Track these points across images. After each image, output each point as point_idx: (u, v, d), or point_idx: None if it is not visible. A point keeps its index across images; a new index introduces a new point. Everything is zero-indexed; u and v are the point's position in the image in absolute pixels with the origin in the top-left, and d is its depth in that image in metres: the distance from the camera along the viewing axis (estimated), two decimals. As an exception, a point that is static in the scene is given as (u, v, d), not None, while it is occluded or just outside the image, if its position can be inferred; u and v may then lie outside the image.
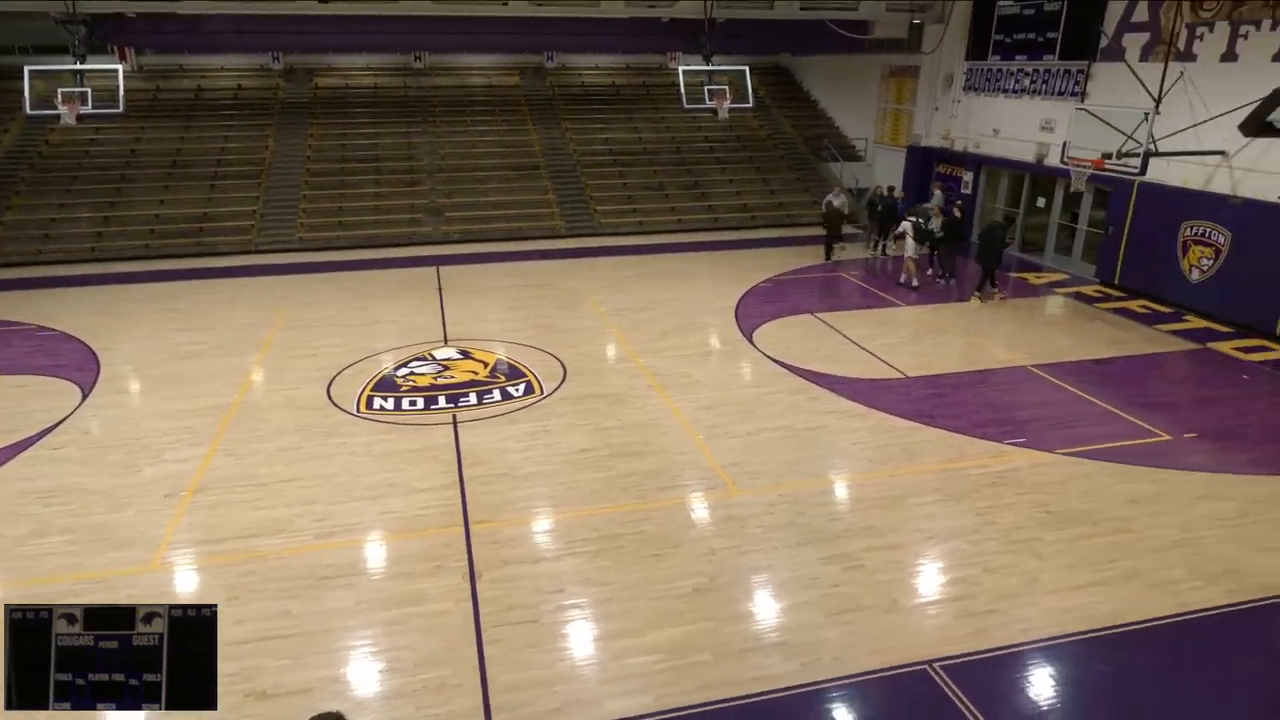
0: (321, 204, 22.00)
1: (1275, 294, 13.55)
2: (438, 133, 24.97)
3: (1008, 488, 9.04)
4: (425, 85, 27.13)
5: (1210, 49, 14.63)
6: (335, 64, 27.13)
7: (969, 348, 13.49)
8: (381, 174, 23.26)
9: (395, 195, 22.63)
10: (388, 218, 21.82)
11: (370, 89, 26.74)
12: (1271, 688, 6.24)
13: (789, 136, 27.08)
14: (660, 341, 13.82)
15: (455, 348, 13.54)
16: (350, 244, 20.85)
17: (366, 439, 10.26)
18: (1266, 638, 6.76)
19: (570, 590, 7.32)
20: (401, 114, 25.65)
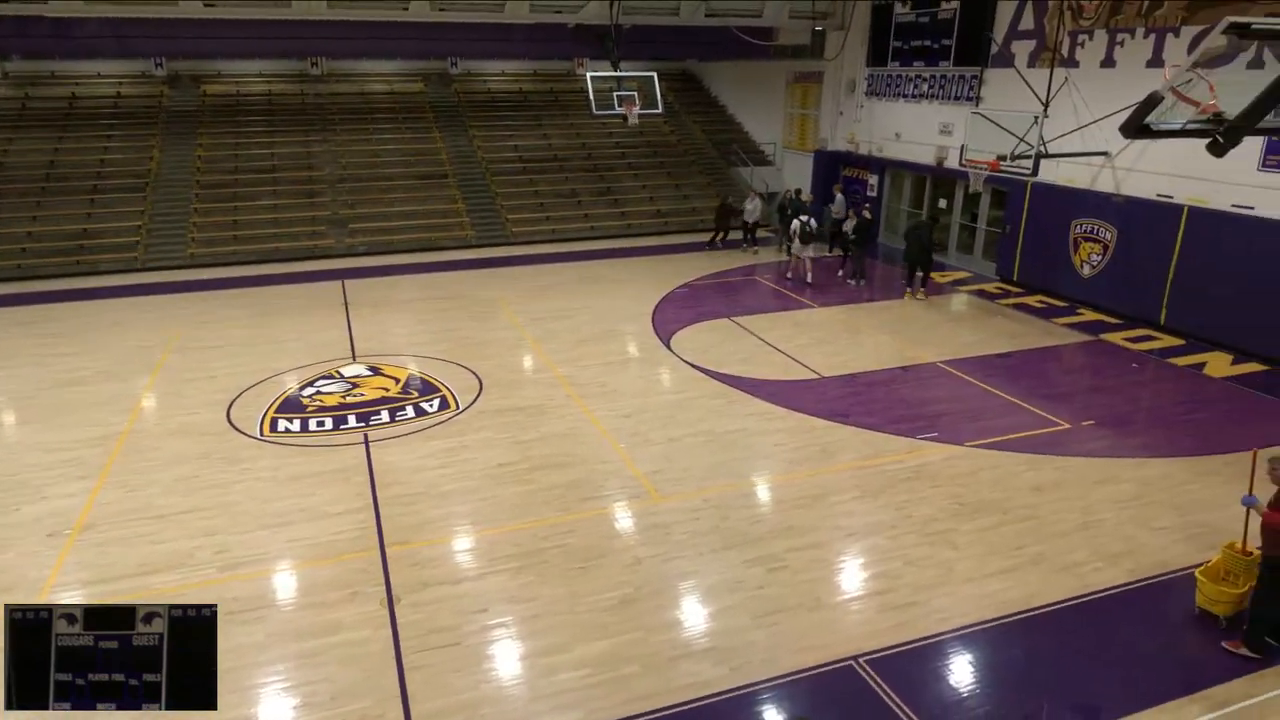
0: (214, 218, 21.10)
1: (1158, 286, 14.53)
2: (338, 141, 24.31)
3: (923, 481, 9.39)
4: (324, 92, 26.40)
5: (1091, 55, 15.61)
6: (225, 70, 26.10)
7: (881, 346, 13.97)
8: (279, 185, 22.48)
9: (295, 207, 21.90)
10: (287, 230, 21.09)
11: (264, 96, 25.83)
12: (1171, 661, 6.66)
13: (699, 141, 27.51)
14: (578, 350, 13.80)
15: (364, 364, 13.18)
16: (247, 259, 20.06)
17: (271, 463, 9.88)
18: (1164, 613, 7.21)
19: (494, 609, 7.21)
20: (299, 122, 24.87)
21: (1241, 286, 13.23)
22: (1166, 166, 14.26)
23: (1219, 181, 13.35)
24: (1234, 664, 6.53)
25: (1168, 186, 14.35)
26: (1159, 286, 14.53)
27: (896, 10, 20.35)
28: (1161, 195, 14.48)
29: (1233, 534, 7.89)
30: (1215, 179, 13.35)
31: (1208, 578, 7.01)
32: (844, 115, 22.87)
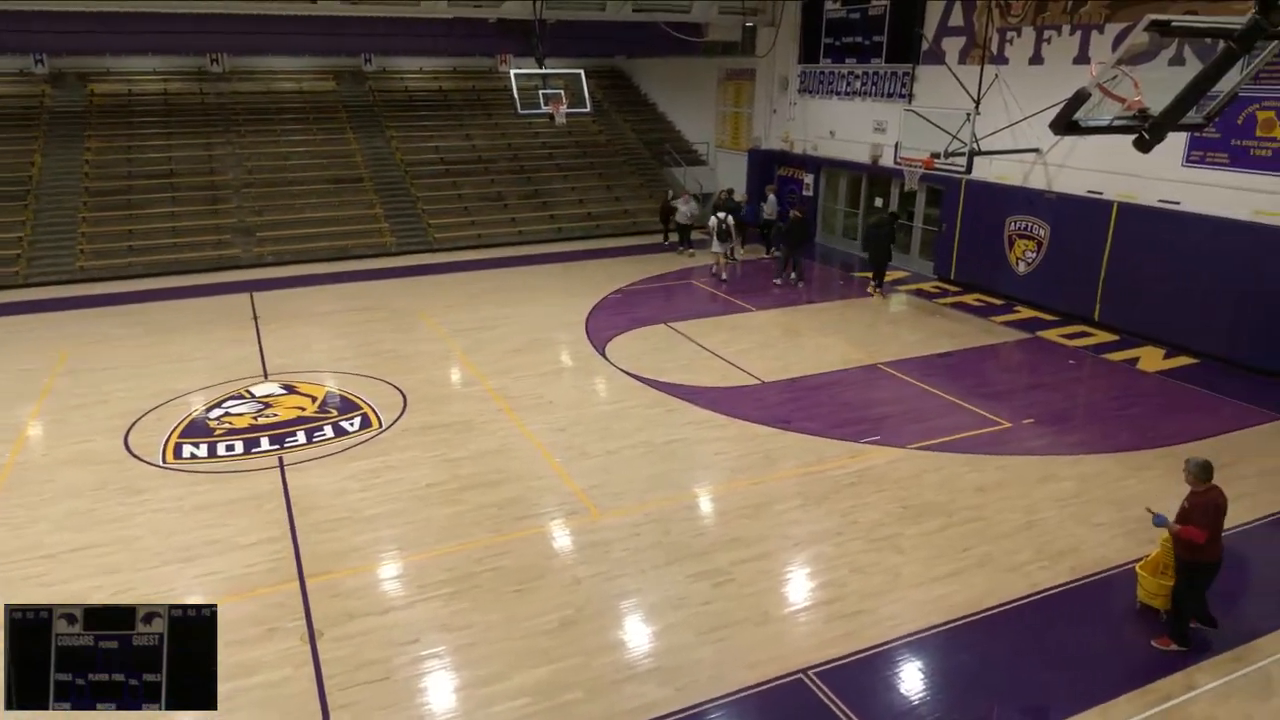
0: (106, 228, 20.27)
1: (1091, 283, 15.20)
2: (243, 144, 23.66)
3: (867, 486, 9.60)
4: (226, 91, 25.67)
5: (1020, 52, 16.28)
6: (114, 68, 25.14)
7: (821, 349, 14.24)
8: (178, 191, 21.74)
9: (197, 215, 21.20)
10: (189, 240, 20.40)
11: (159, 95, 24.98)
12: (1116, 658, 6.95)
13: (630, 141, 27.67)
14: (508, 361, 13.69)
15: (277, 382, 12.83)
16: (145, 272, 19.31)
17: (176, 492, 9.52)
18: (1108, 610, 7.52)
19: (426, 639, 7.08)
20: (199, 123, 24.12)
21: (1170, 282, 13.93)
22: (1096, 163, 14.94)
23: (1146, 177, 14.06)
24: (1174, 658, 6.85)
25: (1098, 183, 15.04)
26: (1092, 283, 15.19)
27: (827, 7, 20.86)
28: (1092, 191, 15.16)
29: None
30: (1143, 175, 14.04)
31: (1147, 572, 7.34)
32: (777, 113, 23.31)
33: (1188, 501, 6.70)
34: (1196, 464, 6.68)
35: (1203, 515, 6.57)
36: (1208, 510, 6.59)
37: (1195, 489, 6.68)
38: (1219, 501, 6.64)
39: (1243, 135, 12.85)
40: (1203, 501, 6.62)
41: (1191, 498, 6.69)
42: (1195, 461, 6.70)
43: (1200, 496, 6.64)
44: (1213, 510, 6.60)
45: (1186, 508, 6.69)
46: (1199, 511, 6.59)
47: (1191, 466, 6.69)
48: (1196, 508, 6.61)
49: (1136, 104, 6.55)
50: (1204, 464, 6.65)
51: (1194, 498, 6.67)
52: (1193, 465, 6.69)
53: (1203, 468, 6.64)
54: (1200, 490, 6.66)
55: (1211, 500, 6.63)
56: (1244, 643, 6.99)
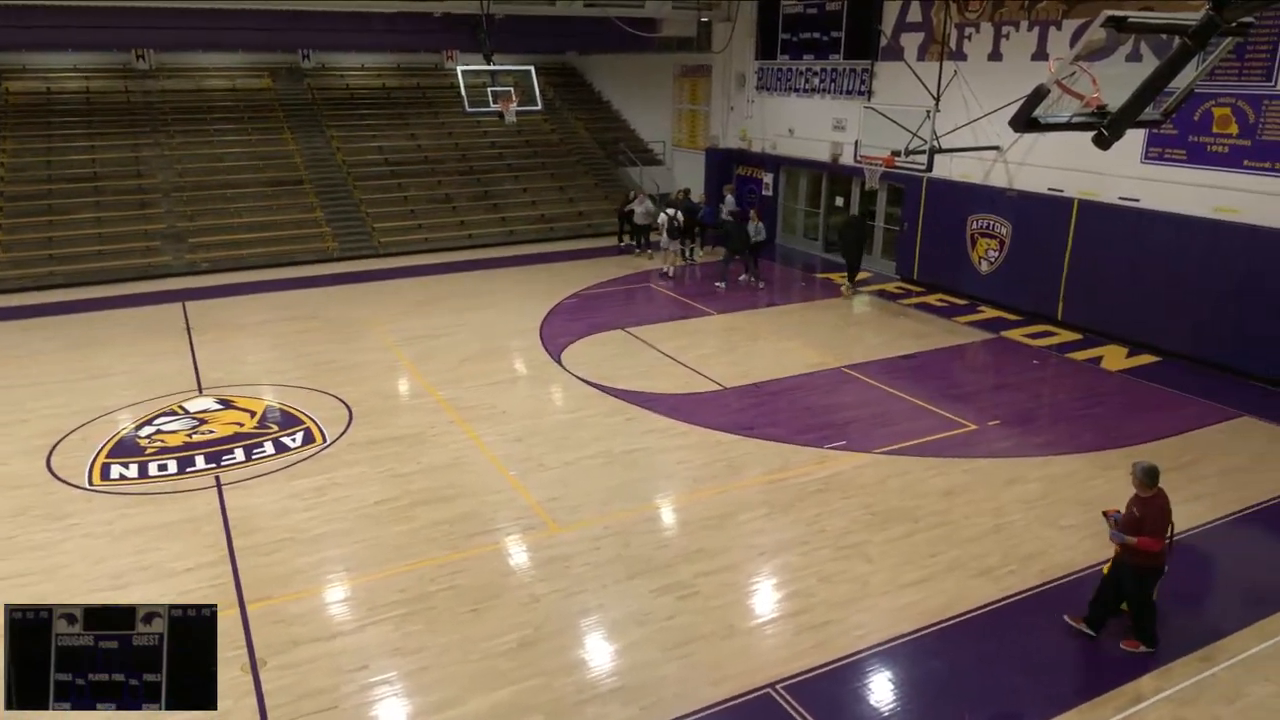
0: (24, 235, 19.67)
1: (1054, 281, 15.57)
2: (172, 145, 23.18)
3: (833, 493, 9.70)
4: (153, 89, 25.14)
5: (978, 49, 16.64)
6: (31, 64, 24.46)
7: (783, 353, 14.37)
8: (103, 196, 21.20)
9: (123, 221, 20.70)
10: (115, 248, 19.90)
11: (81, 94, 24.37)
12: (1087, 662, 7.11)
13: (584, 141, 27.68)
14: (460, 371, 13.58)
15: (213, 397, 12.56)
16: (68, 281, 18.78)
17: (105, 516, 9.26)
18: (1077, 613, 7.67)
19: (376, 665, 6.98)
20: (125, 124, 23.58)
21: (1131, 279, 14.33)
22: (1057, 160, 15.32)
23: (1106, 174, 14.45)
24: (1144, 660, 7.03)
25: (1059, 180, 15.43)
26: (1055, 281, 15.57)
27: (784, 2, 21.11)
28: (1053, 189, 15.54)
29: (1137, 527, 8.51)
30: (1103, 172, 14.44)
31: (1115, 573, 7.52)
32: (735, 111, 23.50)
33: (1137, 508, 6.74)
34: (1144, 469, 6.74)
35: (1155, 522, 6.67)
36: (1160, 516, 6.70)
37: (1143, 494, 6.73)
38: (1167, 506, 6.75)
39: (1200, 131, 13.29)
40: (1154, 507, 6.71)
41: (1140, 504, 6.73)
42: (1142, 466, 6.77)
43: (1150, 502, 6.72)
44: (1164, 515, 6.72)
45: (1137, 515, 6.74)
46: (1151, 518, 6.67)
47: (1139, 472, 6.74)
48: (1149, 515, 6.67)
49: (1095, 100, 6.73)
50: (1151, 468, 6.72)
51: (1143, 504, 6.72)
52: (1140, 470, 6.74)
53: (1149, 473, 6.69)
54: (1149, 495, 6.73)
55: (1161, 505, 6.73)
56: (1210, 643, 7.19)
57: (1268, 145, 12.53)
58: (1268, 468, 10.31)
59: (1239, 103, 12.80)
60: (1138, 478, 6.75)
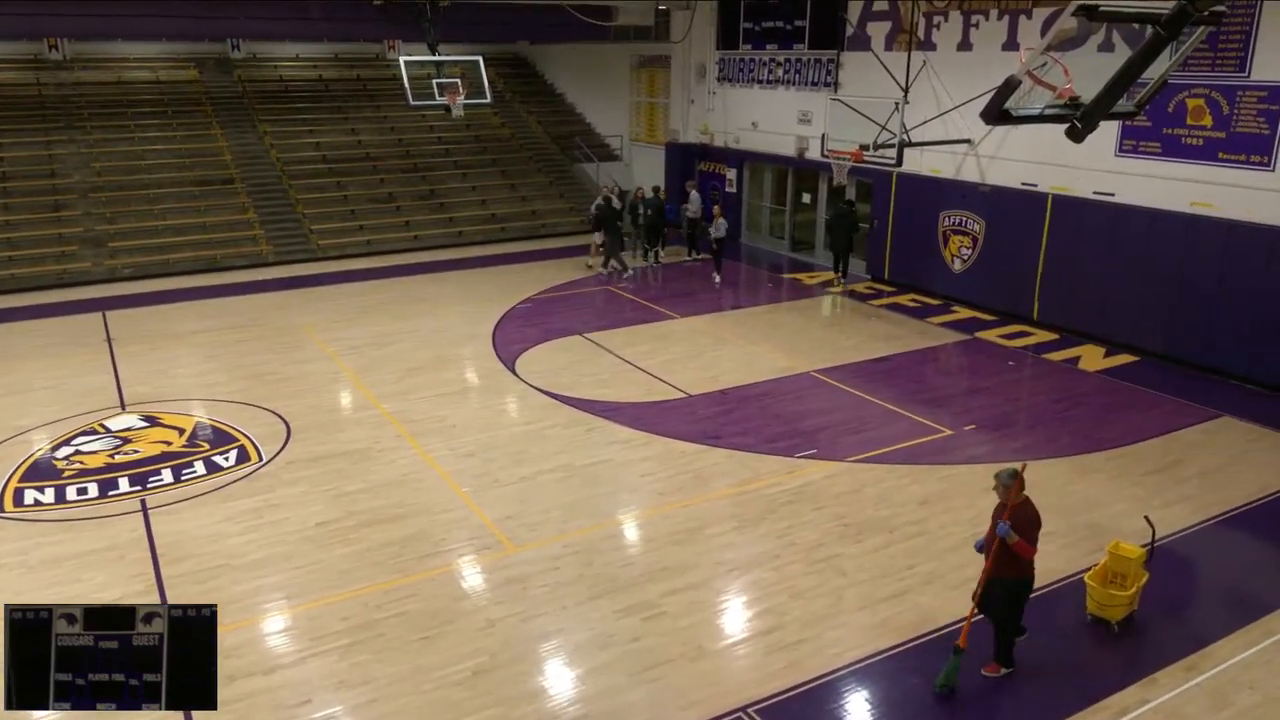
0: (-76, 240, 19.13)
1: (1029, 280, 15.88)
2: (90, 142, 22.70)
3: (805, 504, 9.78)
4: (68, 81, 24.61)
5: (948, 38, 16.95)
6: (-69, 55, 23.82)
7: (751, 357, 14.47)
8: (12, 197, 20.69)
9: (36, 224, 20.22)
10: (26, 254, 19.42)
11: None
12: (1069, 674, 7.24)
13: (536, 136, 27.65)
14: (407, 381, 13.47)
15: (137, 413, 12.31)
16: (-27, 290, 18.30)
17: (18, 545, 9.02)
18: (1058, 624, 7.83)
19: (320, 699, 6.88)
20: (36, 118, 23.05)
21: (1107, 277, 14.68)
22: (1030, 153, 15.64)
23: (1080, 168, 14.80)
24: (1127, 671, 7.18)
25: (1032, 174, 15.75)
26: (1030, 280, 15.88)
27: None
28: (1026, 184, 15.87)
29: (1118, 533, 8.72)
30: (1077, 165, 14.78)
31: (1096, 582, 7.68)
32: (695, 104, 23.65)
33: (1008, 518, 6.60)
34: (1008, 474, 6.63)
35: (1028, 529, 6.58)
36: (1031, 523, 6.63)
37: (1011, 501, 6.59)
38: (1036, 513, 6.69)
39: (1174, 123, 13.66)
40: (1025, 514, 6.61)
41: (1010, 513, 6.58)
42: (1006, 472, 6.66)
43: (1020, 509, 6.61)
44: (1035, 522, 6.66)
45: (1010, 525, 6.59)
46: (1023, 525, 6.56)
47: (1004, 478, 6.62)
48: (1020, 522, 6.56)
49: (1067, 92, 6.89)
50: (1015, 472, 6.63)
51: (1013, 512, 6.58)
52: (1004, 476, 6.62)
53: (1014, 476, 6.61)
54: (1018, 502, 6.61)
55: (1031, 512, 6.66)
56: (1195, 651, 7.37)
57: (1242, 137, 12.92)
58: (1248, 468, 10.61)
59: (1213, 93, 13.19)
60: (1003, 484, 6.62)
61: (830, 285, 18.80)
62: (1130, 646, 7.53)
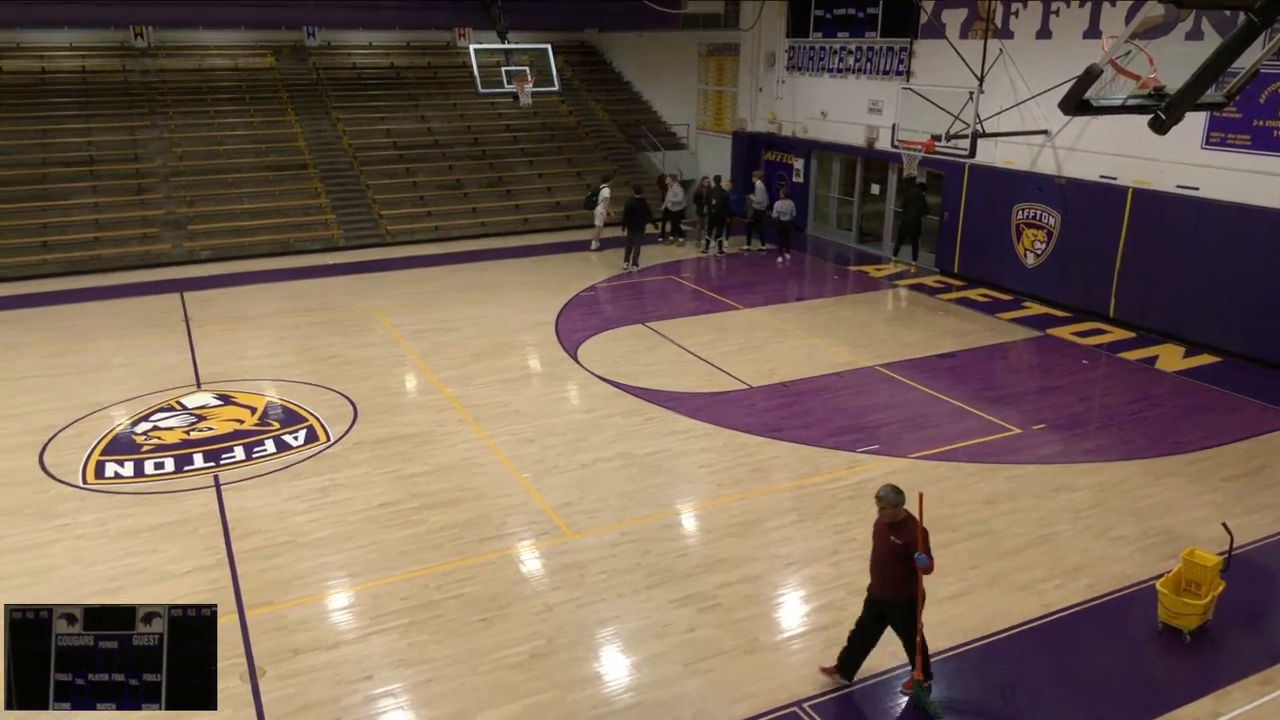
0: (15, 221, 19.95)
1: (1106, 275, 15.40)
2: (172, 127, 23.41)
3: (865, 500, 9.60)
4: (151, 68, 25.39)
5: (1026, 26, 16.48)
6: (25, 42, 24.78)
7: (813, 350, 14.32)
8: (99, 180, 21.46)
9: (120, 206, 20.94)
10: (111, 235, 20.15)
11: (77, 73, 24.65)
12: (1136, 683, 7.04)
13: (603, 124, 27.68)
14: (470, 367, 13.64)
15: (211, 392, 12.69)
16: (61, 270, 19.03)
17: (98, 516, 9.38)
18: (1127, 631, 7.61)
19: (380, 676, 7.02)
20: (122, 104, 23.84)
21: (1189, 274, 14.15)
22: (1109, 145, 15.15)
23: (1163, 161, 14.27)
24: (1199, 683, 6.94)
25: (1111, 167, 15.25)
26: (1106, 276, 15.40)
27: (817, -25, 21.01)
28: (1105, 177, 15.37)
29: (1193, 540, 8.43)
30: (1159, 158, 14.26)
31: (1169, 589, 7.43)
32: (764, 92, 23.42)
33: (898, 535, 6.32)
34: (892, 490, 6.35)
35: (924, 543, 6.30)
36: (924, 537, 6.33)
37: (901, 519, 6.34)
38: (921, 525, 6.35)
39: (1266, 115, 13.09)
40: (918, 529, 6.31)
41: (899, 530, 6.34)
42: (889, 488, 6.37)
43: (907, 525, 6.33)
44: (925, 535, 6.35)
45: (901, 543, 6.32)
46: (920, 541, 6.28)
47: (890, 497, 6.33)
48: (916, 538, 6.28)
49: (1151, 81, 6.67)
50: (896, 489, 6.34)
51: (901, 529, 6.33)
52: (890, 494, 6.33)
53: (898, 492, 6.32)
54: (905, 517, 6.34)
55: (920, 527, 6.34)
56: (1272, 664, 7.09)
57: (1340, 130, 12.33)
58: (1337, 477, 10.15)
59: (1309, 84, 12.61)
60: (890, 502, 6.32)
61: (899, 275, 18.61)
62: (1203, 657, 7.28)
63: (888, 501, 6.36)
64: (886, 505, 6.37)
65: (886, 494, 6.37)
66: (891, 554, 6.39)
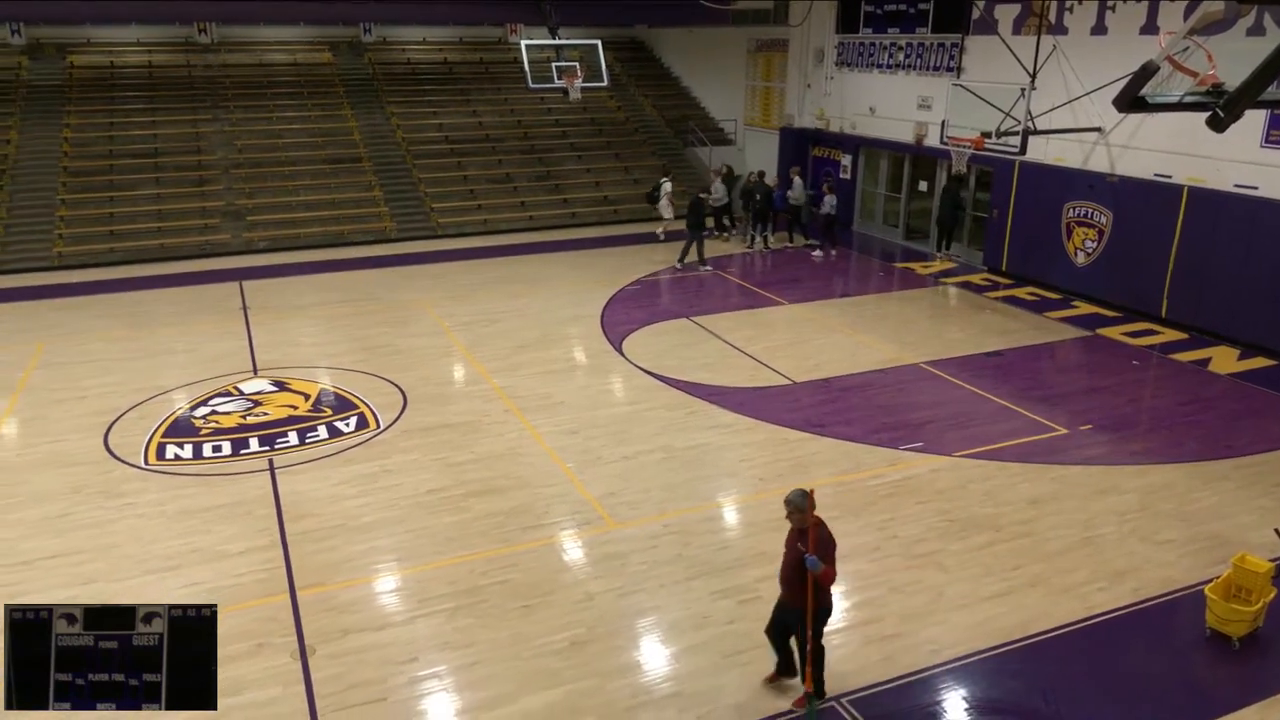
0: (85, 211, 20.53)
1: (1158, 275, 15.04)
2: (233, 120, 23.88)
3: (907, 497, 9.55)
4: (214, 63, 25.90)
5: (1080, 22, 16.12)
6: (95, 38, 25.45)
7: (857, 346, 14.19)
8: (163, 172, 21.97)
9: (182, 197, 21.43)
10: (173, 225, 20.62)
11: (144, 68, 25.24)
12: (1182, 689, 6.89)
13: (650, 119, 27.65)
14: (516, 358, 13.74)
15: (267, 378, 12.94)
16: (126, 259, 19.55)
17: (159, 496, 9.63)
18: (1173, 636, 7.45)
19: (425, 658, 7.13)
20: (185, 98, 24.36)
21: (1245, 275, 13.76)
22: (1164, 143, 14.77)
23: (1220, 159, 13.88)
24: (1247, 690, 6.78)
25: (1166, 165, 14.87)
26: (1159, 276, 15.03)
27: (868, -29, 20.75)
28: (1159, 175, 14.99)
29: (1244, 545, 8.21)
30: (1216, 157, 13.87)
31: (1218, 595, 7.25)
32: (812, 88, 23.21)
33: (805, 543, 6.08)
34: (799, 495, 6.10)
35: (829, 551, 6.12)
36: (830, 544, 6.15)
37: (809, 525, 6.08)
38: (830, 533, 6.21)
39: (1329, 113, 12.67)
40: (824, 535, 6.13)
41: (805, 536, 6.09)
42: (796, 493, 6.12)
43: (818, 531, 6.10)
44: (833, 542, 6.19)
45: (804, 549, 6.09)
46: (824, 548, 6.09)
47: (796, 500, 6.09)
48: (820, 544, 6.07)
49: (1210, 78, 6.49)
50: (806, 493, 6.10)
51: (807, 535, 6.08)
52: (796, 499, 6.09)
53: (804, 495, 6.09)
54: (815, 523, 6.09)
55: (828, 533, 6.19)
56: (1325, 674, 6.90)
57: (1407, 129, 11.89)
58: (1396, 485, 9.81)
59: (1376, 81, 12.16)
60: (797, 508, 6.09)
61: (947, 273, 18.44)
62: (1252, 665, 7.10)
63: (794, 506, 6.10)
64: (793, 510, 6.12)
65: (792, 498, 6.12)
66: (795, 561, 6.17)
